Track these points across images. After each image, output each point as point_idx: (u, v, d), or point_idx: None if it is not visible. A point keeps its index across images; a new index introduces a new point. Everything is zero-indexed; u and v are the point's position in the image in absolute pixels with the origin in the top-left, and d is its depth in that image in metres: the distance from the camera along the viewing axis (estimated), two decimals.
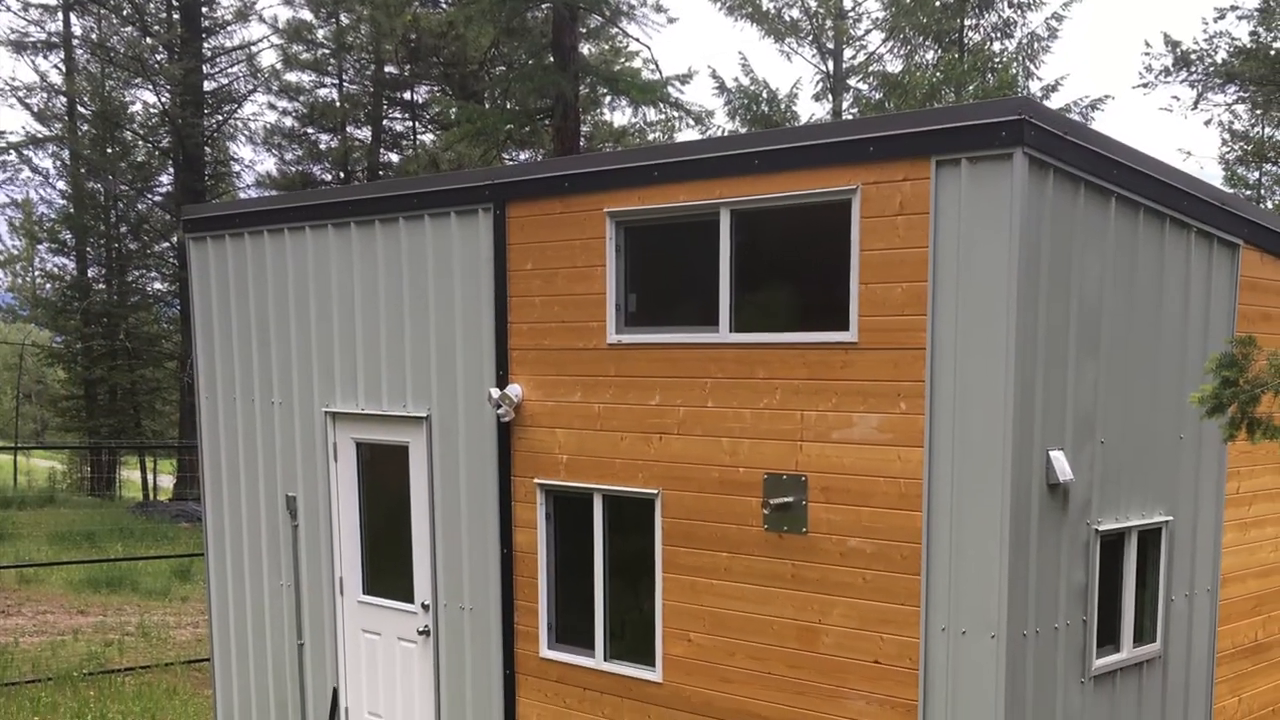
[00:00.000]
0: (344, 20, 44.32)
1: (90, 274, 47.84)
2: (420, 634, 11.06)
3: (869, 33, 36.05)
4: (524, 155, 39.87)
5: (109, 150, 45.58)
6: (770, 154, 8.46)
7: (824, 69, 36.00)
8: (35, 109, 45.23)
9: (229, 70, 46.19)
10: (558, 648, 10.10)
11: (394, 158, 46.65)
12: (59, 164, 46.86)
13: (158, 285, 48.68)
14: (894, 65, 34.48)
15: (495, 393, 9.96)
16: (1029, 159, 7.39)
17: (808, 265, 8.83)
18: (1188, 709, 9.54)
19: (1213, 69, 29.99)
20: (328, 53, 45.57)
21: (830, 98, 35.79)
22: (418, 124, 47.52)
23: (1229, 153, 34.07)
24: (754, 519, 8.69)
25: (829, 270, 8.27)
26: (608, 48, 42.23)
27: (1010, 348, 7.44)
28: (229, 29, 45.46)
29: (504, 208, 10.01)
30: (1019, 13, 32.18)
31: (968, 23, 32.33)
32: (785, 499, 8.47)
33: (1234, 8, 30.64)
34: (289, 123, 47.18)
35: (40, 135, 45.33)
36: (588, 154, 30.33)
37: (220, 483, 12.82)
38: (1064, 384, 7.95)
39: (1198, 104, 31.24)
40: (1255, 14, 30.26)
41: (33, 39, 43.29)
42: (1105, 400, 8.34)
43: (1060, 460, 7.83)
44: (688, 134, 36.13)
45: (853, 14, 35.57)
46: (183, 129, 42.93)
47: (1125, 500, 8.64)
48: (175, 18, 44.15)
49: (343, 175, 45.92)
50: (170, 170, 45.95)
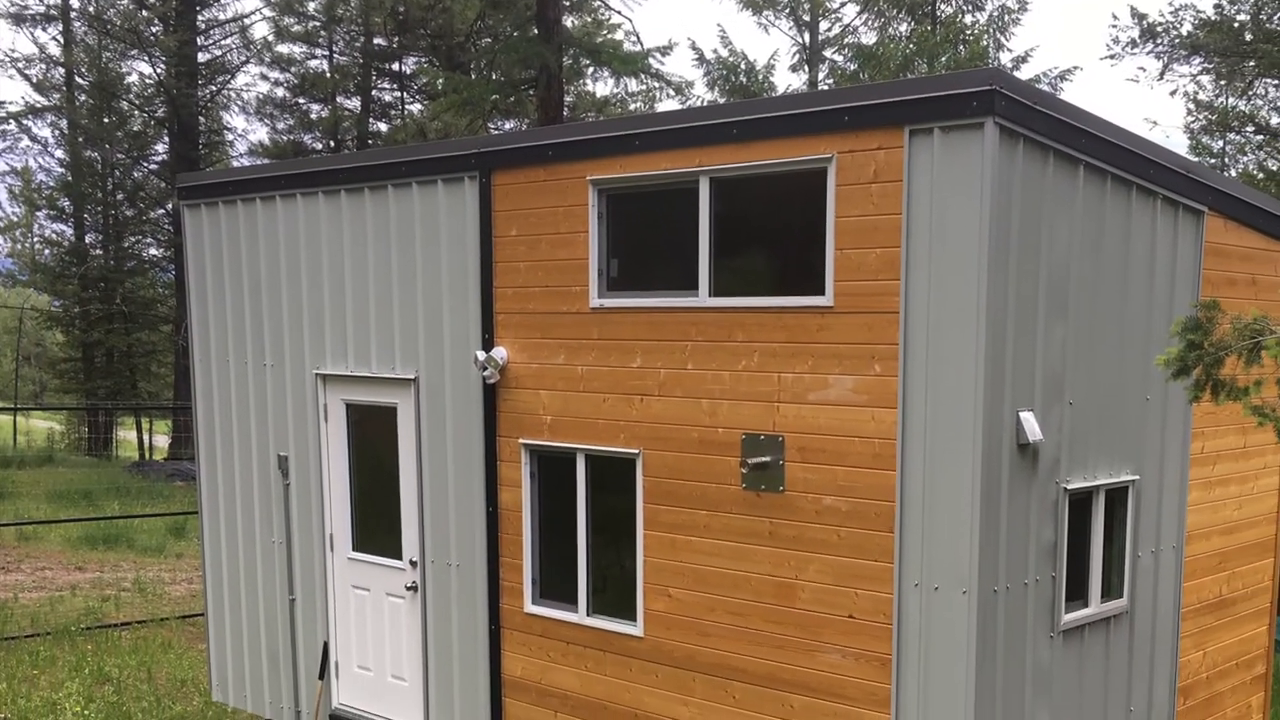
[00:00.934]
0: None
1: (88, 240, 47.84)
2: (408, 589, 11.03)
3: (844, 5, 36.06)
4: (509, 125, 39.74)
5: (106, 120, 45.51)
6: (748, 123, 8.40)
7: (800, 41, 35.95)
8: (34, 80, 45.28)
9: (222, 42, 46.16)
10: (542, 603, 10.08)
11: (383, 127, 46.58)
12: (57, 133, 46.89)
13: (153, 251, 48.64)
14: (868, 37, 34.50)
15: (481, 355, 9.92)
16: (999, 128, 7.34)
17: (785, 231, 8.78)
18: (1153, 662, 9.56)
19: (1178, 41, 29.90)
20: (318, 25, 45.47)
21: (806, 69, 35.73)
22: (406, 94, 47.39)
23: (1194, 122, 34.08)
24: (732, 478, 8.66)
25: (805, 236, 8.24)
26: (590, 20, 42.09)
27: (981, 311, 7.40)
28: (222, 2, 45.40)
29: (489, 176, 9.95)
30: None
31: None
32: (763, 459, 8.44)
33: None
34: (280, 93, 47.23)
35: (39, 105, 45.30)
36: (571, 123, 30.22)
37: (214, 443, 12.77)
38: (1033, 347, 7.92)
39: (1163, 75, 31.15)
40: None
41: (32, 11, 43.11)
42: (1074, 363, 8.31)
43: (1030, 421, 7.81)
44: (668, 104, 36.08)
45: None
46: (178, 99, 42.81)
47: (1093, 460, 8.62)
48: None
49: (333, 144, 45.83)
50: (165, 139, 45.89)
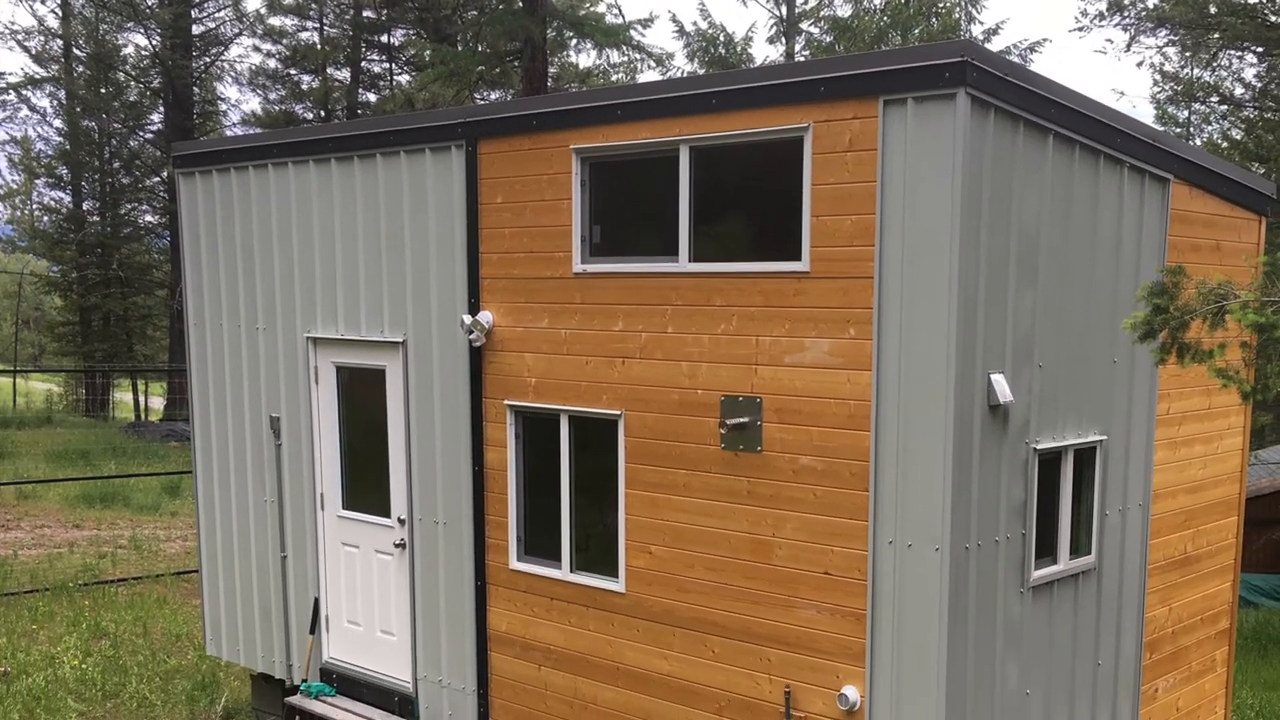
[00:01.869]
0: None
1: (85, 207, 47.72)
2: (396, 547, 11.01)
3: None
4: (495, 95, 39.53)
5: (103, 90, 45.36)
6: (727, 94, 8.35)
7: (778, 14, 35.77)
8: (33, 51, 45.16)
9: (216, 14, 45.92)
10: (526, 560, 10.06)
11: (372, 97, 46.37)
12: (56, 103, 46.81)
13: (149, 218, 48.58)
14: (844, 10, 34.30)
15: (467, 319, 9.88)
16: (971, 99, 7.30)
17: (762, 199, 8.74)
18: (1120, 617, 9.57)
19: (1144, 13, 29.80)
20: None
21: (784, 41, 35.57)
22: (394, 65, 47.13)
23: (1160, 93, 33.99)
24: (712, 438, 8.64)
25: (782, 204, 8.19)
26: None
27: (953, 277, 7.37)
28: None
29: (476, 144, 9.89)
30: None
31: None
32: (741, 419, 8.42)
33: None
34: (273, 64, 46.99)
35: (38, 76, 45.15)
36: (555, 94, 30.05)
37: (208, 404, 12.71)
38: (1004, 311, 7.89)
39: (1130, 46, 31.07)
40: None
41: None
42: (1043, 326, 8.29)
43: (1000, 383, 7.79)
44: (649, 75, 36.03)
45: None
46: (172, 70, 42.58)
47: (1062, 421, 8.62)
48: None
49: (323, 114, 45.61)
50: (161, 109, 45.64)
